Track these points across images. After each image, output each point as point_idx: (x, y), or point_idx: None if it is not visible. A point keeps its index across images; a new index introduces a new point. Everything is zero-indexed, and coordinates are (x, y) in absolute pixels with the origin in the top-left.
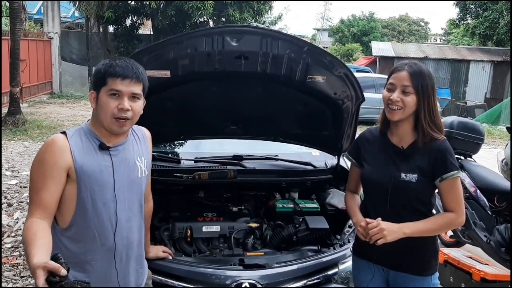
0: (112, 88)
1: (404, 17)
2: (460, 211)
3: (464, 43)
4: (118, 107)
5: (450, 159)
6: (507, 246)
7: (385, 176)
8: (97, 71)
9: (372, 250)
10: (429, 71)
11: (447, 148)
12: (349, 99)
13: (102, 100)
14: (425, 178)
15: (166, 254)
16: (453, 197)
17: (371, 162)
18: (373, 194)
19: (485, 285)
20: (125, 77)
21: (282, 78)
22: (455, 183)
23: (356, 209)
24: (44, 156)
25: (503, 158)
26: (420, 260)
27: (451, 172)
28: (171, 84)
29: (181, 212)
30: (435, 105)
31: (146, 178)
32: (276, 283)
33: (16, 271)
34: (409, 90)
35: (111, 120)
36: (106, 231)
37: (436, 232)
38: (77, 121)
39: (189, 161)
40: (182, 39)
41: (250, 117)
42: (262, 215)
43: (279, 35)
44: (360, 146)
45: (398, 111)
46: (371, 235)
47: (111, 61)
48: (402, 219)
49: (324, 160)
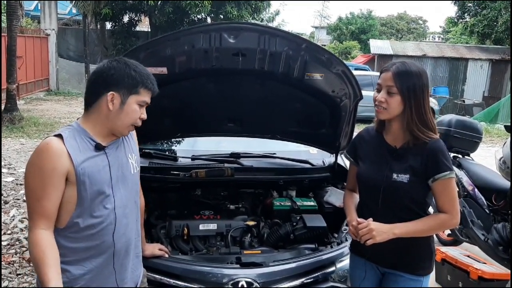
0: (145, 100)
1: (403, 15)
2: (453, 212)
3: (463, 42)
4: (141, 117)
5: (443, 159)
6: (505, 245)
7: (378, 176)
8: (130, 76)
9: (366, 248)
10: (419, 71)
11: (440, 148)
12: (347, 97)
13: (131, 107)
14: (418, 179)
15: (163, 252)
16: (446, 198)
17: (366, 161)
18: (366, 193)
19: (483, 284)
20: (154, 92)
21: (279, 75)
22: (448, 184)
23: (351, 208)
24: (41, 163)
25: (501, 157)
26: (413, 260)
27: (444, 172)
28: (168, 81)
29: (178, 210)
30: (425, 106)
31: (137, 174)
32: (273, 281)
33: (12, 269)
34: (393, 91)
35: (129, 127)
36: (105, 229)
37: (428, 233)
38: (74, 118)
39: (186, 159)
40: (179, 35)
41: (248, 114)
42: (259, 213)
43: (277, 32)
44: (357, 145)
45: (383, 110)
46: (360, 235)
47: (142, 70)
48: (395, 218)
49: (321, 158)
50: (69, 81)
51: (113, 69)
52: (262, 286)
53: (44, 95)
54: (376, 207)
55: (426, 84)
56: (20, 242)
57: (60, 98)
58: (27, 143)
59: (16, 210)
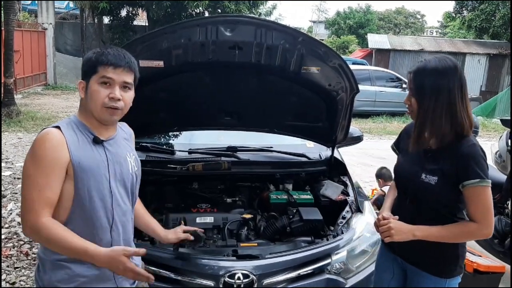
0: (104, 75)
1: (401, 10)
2: (484, 222)
3: (460, 36)
4: (109, 96)
5: (473, 165)
6: (500, 238)
7: (409, 173)
8: (87, 59)
9: (394, 243)
10: (436, 67)
11: (472, 154)
12: (343, 90)
13: (92, 88)
14: (447, 182)
15: (187, 235)
16: (476, 207)
17: (403, 156)
18: (399, 188)
19: (478, 276)
20: (117, 65)
21: (276, 69)
22: (478, 192)
23: (388, 200)
24: (43, 152)
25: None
26: (438, 261)
27: (473, 180)
28: (165, 74)
29: (175, 203)
30: (443, 104)
31: (135, 174)
32: (269, 273)
33: (10, 262)
34: (412, 92)
35: (102, 109)
36: (103, 226)
37: (453, 241)
38: (71, 112)
39: (183, 152)
40: (176, 28)
41: (244, 108)
42: (256, 207)
43: (274, 25)
44: (401, 137)
45: (411, 112)
46: (380, 231)
47: (102, 49)
48: (422, 218)
49: (318, 152)
50: (66, 75)
51: (84, 59)
52: (258, 278)
53: (41, 89)
54: (405, 203)
55: (451, 82)
56: (17, 236)
57: (58, 93)
58: (25, 137)
59: (14, 204)
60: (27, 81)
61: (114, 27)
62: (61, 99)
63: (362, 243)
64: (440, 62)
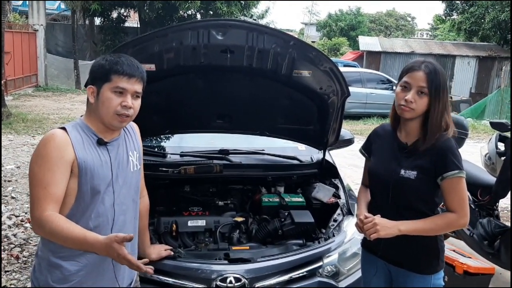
0: (118, 85)
1: (391, 12)
2: (462, 212)
3: (450, 39)
4: (122, 104)
5: (452, 158)
6: (490, 239)
7: (387, 171)
8: (100, 66)
9: (376, 245)
10: (441, 68)
11: (450, 146)
12: (334, 93)
13: (105, 95)
14: (426, 176)
15: (169, 252)
16: (455, 198)
17: (377, 156)
18: (376, 189)
19: (468, 278)
20: (132, 76)
21: (268, 72)
22: (456, 183)
23: (362, 203)
24: (49, 151)
25: (487, 153)
26: (421, 259)
27: (452, 171)
28: (156, 77)
29: (167, 206)
30: (447, 104)
31: (138, 172)
32: (261, 277)
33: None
34: (424, 91)
35: (113, 116)
36: (104, 225)
37: (435, 232)
38: (63, 114)
39: (175, 155)
40: (167, 32)
41: (236, 111)
42: (248, 209)
43: (265, 29)
44: (372, 140)
45: (411, 110)
46: (365, 229)
47: (115, 57)
48: (403, 216)
49: (310, 155)
50: (57, 77)
51: (94, 65)
52: (250, 281)
53: (32, 91)
54: (384, 203)
55: (446, 81)
56: (8, 239)
57: (49, 94)
58: (16, 139)
59: (4, 207)
60: (18, 83)
61: (106, 29)
62: (52, 100)
63: (353, 246)
64: (437, 64)
